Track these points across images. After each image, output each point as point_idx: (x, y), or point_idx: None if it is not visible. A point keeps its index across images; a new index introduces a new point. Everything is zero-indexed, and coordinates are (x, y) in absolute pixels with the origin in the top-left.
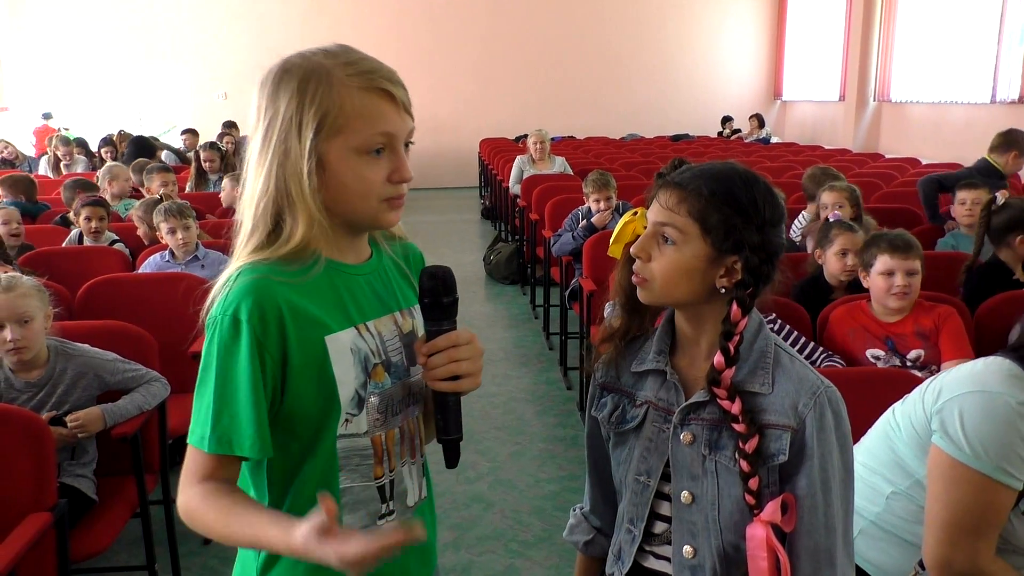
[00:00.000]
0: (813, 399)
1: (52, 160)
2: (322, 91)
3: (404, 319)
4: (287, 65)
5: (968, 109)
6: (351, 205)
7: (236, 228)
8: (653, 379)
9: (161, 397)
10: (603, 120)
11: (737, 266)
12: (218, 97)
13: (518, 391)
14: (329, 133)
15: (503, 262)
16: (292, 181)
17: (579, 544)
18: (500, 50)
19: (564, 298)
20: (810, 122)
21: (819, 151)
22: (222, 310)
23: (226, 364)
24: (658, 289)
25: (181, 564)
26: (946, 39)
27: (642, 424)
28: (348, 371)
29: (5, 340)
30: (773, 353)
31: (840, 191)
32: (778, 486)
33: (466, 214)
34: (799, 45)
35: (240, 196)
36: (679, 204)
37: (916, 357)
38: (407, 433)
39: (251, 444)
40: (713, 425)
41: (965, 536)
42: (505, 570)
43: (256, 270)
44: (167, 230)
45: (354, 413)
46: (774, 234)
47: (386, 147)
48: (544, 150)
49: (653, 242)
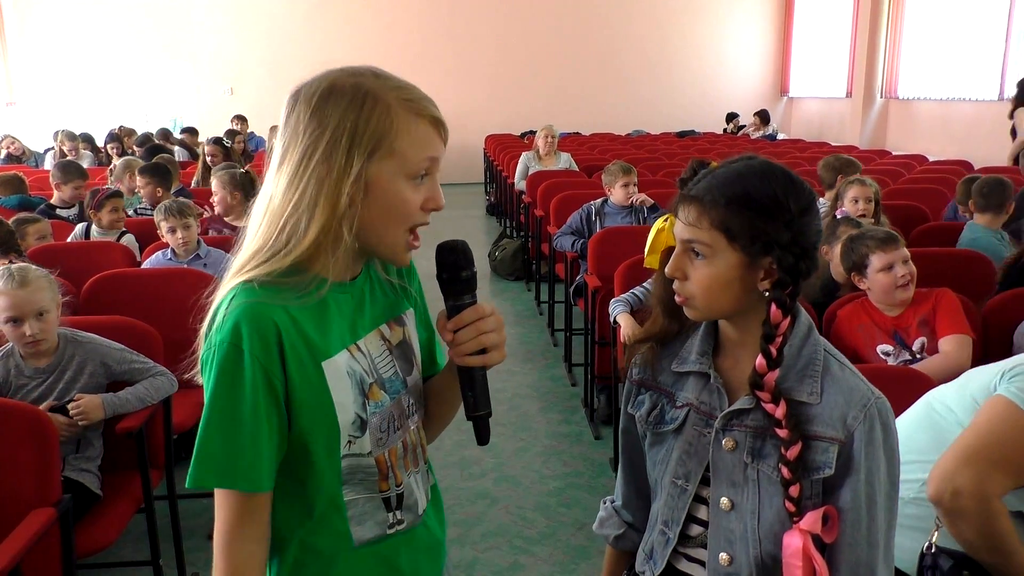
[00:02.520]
0: (863, 412)
1: (58, 155)
2: (378, 113)
3: (392, 330)
4: (336, 83)
5: (976, 106)
6: (384, 229)
7: (240, 239)
8: (695, 381)
9: (166, 391)
10: (609, 116)
11: (774, 267)
12: (224, 93)
13: (523, 387)
14: (383, 156)
15: (508, 258)
16: (326, 198)
17: (609, 538)
18: (506, 47)
19: (569, 294)
20: (817, 119)
21: (826, 147)
22: (220, 338)
23: (229, 394)
24: (703, 306)
25: (186, 559)
26: (954, 35)
27: (682, 426)
28: (347, 395)
29: (24, 335)
30: (823, 360)
31: (867, 187)
32: (821, 497)
33: (471, 210)
34: (806, 41)
35: (256, 207)
36: (700, 218)
37: (921, 346)
38: (409, 446)
39: (244, 478)
40: (757, 433)
41: (983, 460)
42: (510, 566)
43: (253, 292)
44: (167, 229)
45: (357, 435)
46: (805, 224)
47: (427, 174)
48: (552, 144)
49: (685, 259)
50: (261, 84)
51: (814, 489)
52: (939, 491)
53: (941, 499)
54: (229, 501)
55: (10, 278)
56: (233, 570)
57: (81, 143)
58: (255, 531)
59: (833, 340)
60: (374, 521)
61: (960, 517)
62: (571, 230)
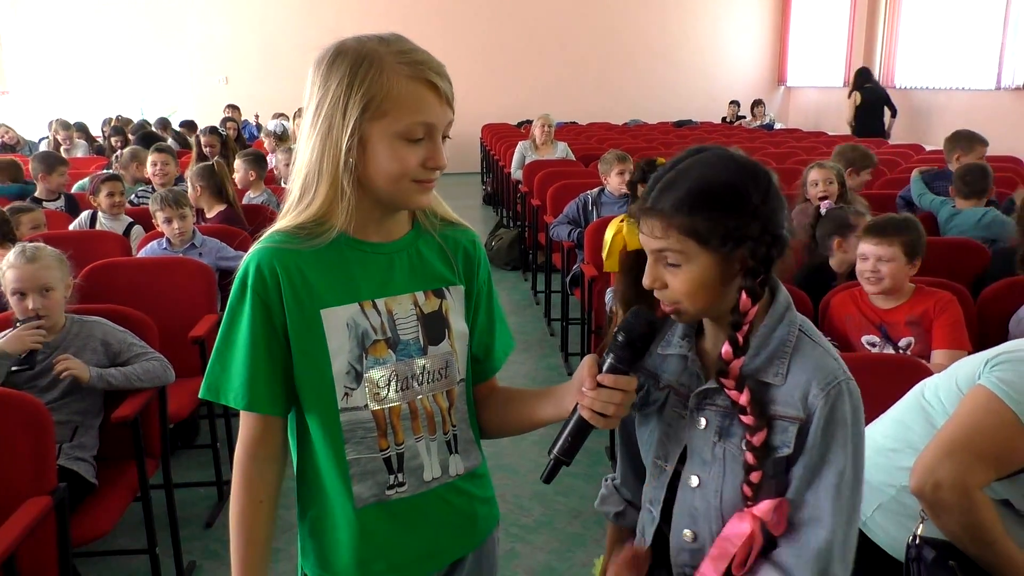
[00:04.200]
0: (826, 390)
1: (52, 144)
2: (372, 75)
3: (429, 299)
4: (342, 47)
5: (972, 95)
6: (384, 184)
7: (285, 197)
8: (676, 363)
9: (158, 377)
10: (606, 106)
11: (748, 258)
12: (219, 81)
13: (519, 377)
14: (374, 115)
15: (505, 248)
16: (328, 155)
17: (610, 515)
18: (503, 36)
19: (565, 284)
20: (814, 108)
21: (823, 137)
22: (236, 277)
23: (230, 322)
24: (692, 310)
25: (183, 547)
26: (951, 25)
27: (663, 407)
28: (342, 344)
29: (27, 309)
30: (795, 341)
31: (827, 169)
32: (784, 476)
33: (468, 200)
34: (803, 31)
35: (291, 167)
36: (666, 230)
37: (906, 345)
38: (421, 410)
39: (235, 395)
40: (725, 412)
41: (966, 451)
42: (506, 554)
43: (271, 238)
44: (163, 219)
45: (352, 387)
46: (771, 209)
47: (425, 136)
48: (549, 133)
49: (659, 268)
50: (256, 72)
51: (777, 468)
52: (921, 484)
53: (923, 491)
54: (246, 423)
55: (21, 253)
56: (247, 483)
57: (75, 132)
58: (267, 451)
59: (825, 328)
60: (374, 480)
61: (942, 509)
62: (567, 219)
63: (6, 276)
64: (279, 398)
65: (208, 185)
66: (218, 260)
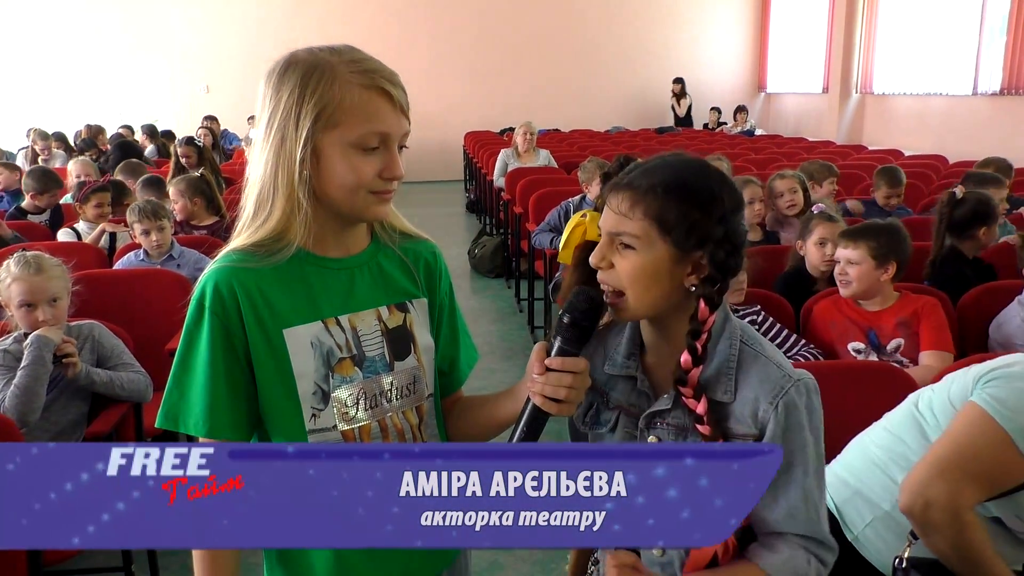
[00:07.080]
0: (774, 403)
1: (30, 155)
2: (324, 84)
3: (393, 314)
4: (292, 59)
5: (950, 101)
6: (340, 195)
7: (239, 214)
8: (624, 383)
9: (138, 390)
10: (588, 113)
11: (703, 262)
12: (200, 90)
13: (503, 385)
14: (326, 125)
15: (488, 256)
16: (282, 168)
17: None
18: (485, 44)
19: (548, 292)
20: (794, 114)
21: (803, 143)
22: (192, 298)
23: (187, 346)
24: (632, 302)
25: (159, 564)
26: (928, 31)
27: (615, 428)
28: (307, 364)
29: (37, 320)
30: (738, 355)
31: (789, 179)
32: None
33: (451, 207)
34: (783, 37)
35: (245, 182)
36: (632, 208)
37: (896, 347)
38: (391, 428)
39: (195, 422)
40: (678, 430)
41: (957, 471)
42: (489, 566)
43: (228, 257)
44: (141, 231)
45: (319, 408)
46: (736, 222)
47: (380, 146)
48: (531, 141)
49: (611, 249)
50: (237, 81)
51: None
52: (911, 502)
53: (913, 510)
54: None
55: (26, 264)
56: None
57: (54, 142)
58: None
59: (808, 335)
60: None
61: (933, 529)
62: (549, 227)
63: (10, 288)
64: (242, 423)
65: (202, 198)
66: (196, 271)
